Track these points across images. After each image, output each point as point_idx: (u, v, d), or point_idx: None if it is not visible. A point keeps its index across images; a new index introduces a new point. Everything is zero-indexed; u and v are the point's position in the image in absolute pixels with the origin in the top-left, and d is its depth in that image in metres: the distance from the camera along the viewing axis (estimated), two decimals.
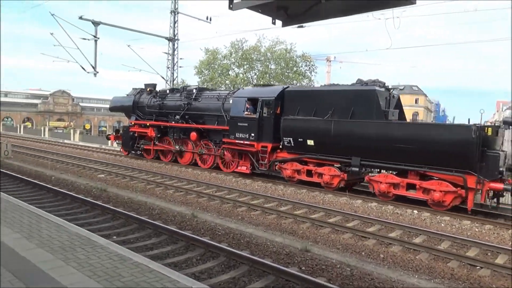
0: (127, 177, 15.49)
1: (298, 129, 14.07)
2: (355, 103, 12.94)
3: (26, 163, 18.87)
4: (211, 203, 11.83)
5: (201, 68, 41.46)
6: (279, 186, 14.45)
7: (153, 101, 20.29)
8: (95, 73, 27.23)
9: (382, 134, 12.14)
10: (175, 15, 31.94)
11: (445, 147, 10.94)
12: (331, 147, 13.35)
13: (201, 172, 17.16)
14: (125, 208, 10.55)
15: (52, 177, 15.01)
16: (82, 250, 5.47)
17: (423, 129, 12.01)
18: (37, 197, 11.36)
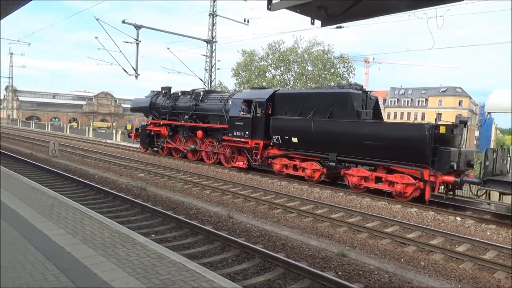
0: (165, 176, 15.84)
1: (285, 128, 15.63)
2: (332, 104, 14.41)
3: (72, 161, 19.73)
4: (247, 204, 11.87)
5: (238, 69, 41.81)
6: (315, 188, 14.29)
7: (167, 103, 22.22)
8: (136, 76, 28.12)
9: (354, 132, 13.51)
10: (213, 17, 32.42)
11: (404, 143, 12.21)
12: (312, 144, 14.87)
13: (237, 173, 17.28)
14: (164, 207, 10.78)
15: (95, 176, 15.60)
16: (122, 247, 5.63)
17: (386, 127, 13.42)
18: (81, 194, 11.84)
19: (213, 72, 33.33)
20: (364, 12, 3.52)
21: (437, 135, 11.85)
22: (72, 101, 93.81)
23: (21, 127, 53.35)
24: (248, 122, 16.89)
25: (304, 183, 15.01)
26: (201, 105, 20.16)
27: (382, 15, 3.89)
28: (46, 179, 14.00)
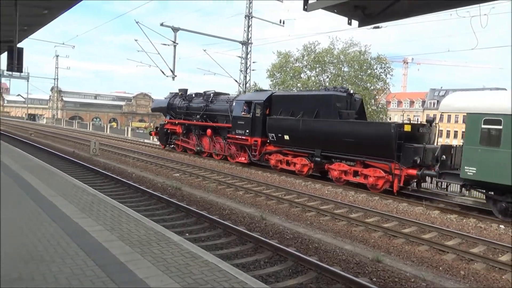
0: (200, 177, 16.08)
1: (278, 126, 17.41)
2: (318, 105, 16.10)
3: (111, 160, 20.41)
4: (280, 206, 11.83)
5: (273, 71, 41.80)
6: (350, 192, 14.05)
7: (182, 103, 24.41)
8: (173, 77, 28.79)
9: (334, 130, 15.13)
10: (249, 19, 32.61)
11: (375, 140, 13.65)
12: (300, 141, 16.52)
13: (270, 174, 17.28)
14: (198, 207, 10.94)
15: (133, 174, 16.06)
16: (157, 245, 5.75)
17: (360, 126, 14.77)
18: (120, 192, 12.22)
19: (248, 74, 33.54)
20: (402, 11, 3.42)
21: (403, 133, 13.23)
22: (113, 102, 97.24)
23: (65, 127, 55.81)
24: (248, 121, 18.76)
25: (338, 187, 14.80)
26: (211, 106, 22.26)
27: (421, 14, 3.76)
28: (87, 177, 14.55)
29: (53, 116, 78.65)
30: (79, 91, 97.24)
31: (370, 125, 15.53)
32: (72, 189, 9.56)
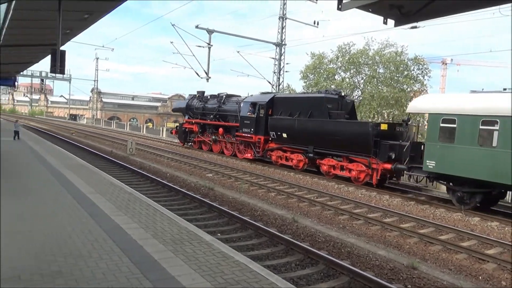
0: (232, 177, 16.19)
1: (278, 126, 19.25)
2: (312, 106, 17.86)
3: (147, 159, 20.94)
4: (312, 209, 11.72)
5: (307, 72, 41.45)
6: (384, 196, 13.72)
7: (199, 105, 26.47)
8: (207, 78, 29.21)
9: (324, 129, 16.83)
10: (283, 20, 32.57)
11: (356, 138, 15.27)
12: (296, 139, 18.29)
13: (303, 176, 17.17)
14: (230, 207, 11.02)
15: (167, 174, 16.40)
16: (189, 244, 5.84)
17: (344, 125, 16.24)
18: (154, 191, 12.51)
19: (281, 75, 33.50)
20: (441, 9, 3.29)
21: (379, 131, 14.72)
22: (149, 103, 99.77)
23: (104, 127, 57.77)
24: (252, 121, 20.72)
25: (372, 190, 14.50)
26: (223, 107, 24.27)
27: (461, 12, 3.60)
28: (124, 175, 14.99)
29: (92, 116, 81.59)
30: (117, 92, 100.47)
31: (351, 124, 16.47)
32: (110, 187, 9.87)
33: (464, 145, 11.68)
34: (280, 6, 32.64)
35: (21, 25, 11.12)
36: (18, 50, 16.03)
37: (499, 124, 10.99)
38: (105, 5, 9.42)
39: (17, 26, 11.13)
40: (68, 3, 8.75)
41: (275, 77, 33.48)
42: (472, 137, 11.53)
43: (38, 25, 11.45)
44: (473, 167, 11.44)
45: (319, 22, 31.43)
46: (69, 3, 8.76)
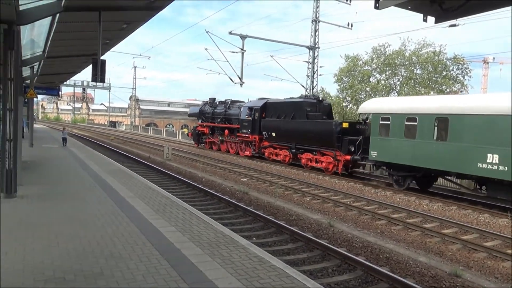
0: (267, 182, 16.19)
1: (269, 126, 23.04)
2: (294, 110, 21.35)
3: (182, 164, 21.32)
4: (348, 214, 11.51)
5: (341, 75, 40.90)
6: (424, 200, 13.27)
7: (210, 110, 30.35)
8: (241, 83, 29.41)
9: (301, 128, 20.43)
10: (316, 23, 32.36)
11: (324, 134, 18.62)
12: (282, 137, 21.84)
13: (338, 181, 16.92)
14: (265, 211, 11.00)
15: (203, 179, 16.62)
16: (225, 248, 5.87)
17: (315, 124, 19.58)
18: (190, 195, 12.70)
19: (315, 78, 33.24)
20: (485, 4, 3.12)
21: (342, 129, 17.88)
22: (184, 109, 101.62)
23: (141, 133, 59.38)
24: (249, 123, 24.43)
25: (410, 195, 14.06)
26: (228, 111, 27.98)
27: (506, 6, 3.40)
28: (161, 180, 15.33)
29: (131, 123, 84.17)
30: (154, 99, 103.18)
31: (319, 123, 19.52)
32: (148, 192, 10.12)
33: (395, 137, 14.70)
34: (312, 9, 32.48)
35: (64, 37, 11.67)
36: (62, 61, 16.81)
37: (418, 120, 13.96)
38: (142, 15, 9.71)
39: (61, 38, 11.67)
40: (107, 14, 9.09)
41: (308, 80, 33.26)
42: (401, 131, 14.53)
43: (80, 36, 11.98)
44: (402, 155, 14.43)
45: (352, 24, 30.99)
46: (108, 13, 9.10)
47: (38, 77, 20.79)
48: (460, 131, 12.68)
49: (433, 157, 13.32)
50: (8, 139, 8.30)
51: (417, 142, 13.80)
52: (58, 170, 13.34)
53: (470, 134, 12.37)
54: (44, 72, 19.80)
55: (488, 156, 11.79)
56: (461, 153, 12.54)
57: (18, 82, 8.92)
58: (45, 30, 10.94)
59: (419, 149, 13.74)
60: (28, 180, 10.50)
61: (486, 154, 11.83)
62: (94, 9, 8.79)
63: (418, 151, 13.78)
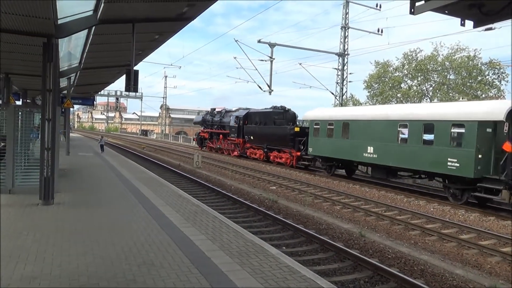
0: (296, 190, 16.06)
1: (249, 131, 29.03)
2: (266, 118, 27.61)
3: (212, 172, 21.50)
4: (380, 223, 11.24)
5: (371, 82, 40.30)
6: (459, 210, 12.79)
7: (209, 118, 36.55)
8: (270, 91, 29.47)
9: (269, 132, 26.24)
10: (345, 30, 32.08)
11: (282, 137, 24.41)
12: (258, 140, 27.68)
13: (369, 189, 16.58)
14: (294, 220, 10.90)
15: (232, 187, 16.68)
16: (255, 257, 5.84)
17: (277, 129, 25.46)
18: (220, 203, 12.76)
19: (344, 85, 32.87)
20: None
21: (294, 132, 23.44)
22: None
23: (171, 141, 60.41)
24: (236, 129, 30.70)
25: (444, 204, 13.58)
26: (223, 119, 33.91)
27: None
28: (191, 188, 15.49)
29: (161, 131, 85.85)
30: (184, 108, 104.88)
31: (280, 128, 25.52)
32: (178, 199, 10.24)
33: (323, 137, 20.56)
34: (342, 16, 32.25)
35: (99, 48, 12.07)
36: (97, 71, 17.37)
37: (334, 124, 19.82)
38: (173, 26, 9.91)
39: (96, 50, 12.09)
40: (140, 26, 9.33)
41: (338, 88, 32.95)
42: (325, 133, 20.39)
43: (114, 48, 12.34)
44: (326, 150, 20.26)
45: (383, 29, 30.51)
46: (141, 25, 9.33)
47: (74, 88, 21.60)
48: (355, 131, 18.37)
49: (342, 150, 19.20)
50: (46, 148, 8.63)
51: (334, 140, 19.83)
52: (93, 178, 13.73)
53: (360, 134, 17.98)
54: (80, 83, 20.53)
55: (369, 148, 17.28)
56: (356, 146, 18.01)
57: (56, 93, 9.27)
58: (81, 42, 11.36)
59: (335, 145, 19.67)
60: (64, 188, 10.87)
61: (367, 146, 17.30)
62: (128, 21, 9.04)
63: (334, 146, 19.72)
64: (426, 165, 14.62)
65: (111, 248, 5.93)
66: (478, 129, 12.91)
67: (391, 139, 16.17)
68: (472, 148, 12.92)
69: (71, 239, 6.34)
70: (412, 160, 15.13)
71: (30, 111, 11.00)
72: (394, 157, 15.97)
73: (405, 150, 15.50)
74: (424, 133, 14.83)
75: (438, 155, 14.04)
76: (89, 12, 8.42)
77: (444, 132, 13.99)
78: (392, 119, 16.31)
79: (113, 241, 6.27)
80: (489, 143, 12.99)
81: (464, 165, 13.10)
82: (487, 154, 12.93)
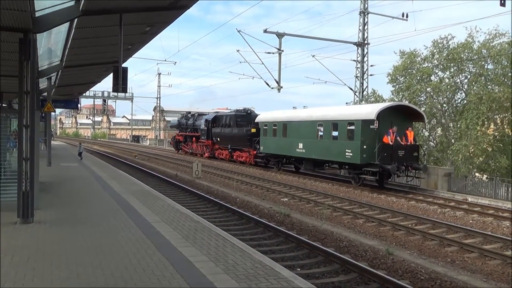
0: (311, 202, 16.01)
1: (215, 133, 35.64)
2: (230, 120, 33.91)
3: (214, 183, 21.53)
4: (410, 238, 11.15)
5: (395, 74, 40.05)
6: (504, 222, 12.66)
7: (184, 121, 43.54)
8: (279, 88, 29.40)
9: (231, 134, 33.12)
10: (364, 16, 32.04)
11: (242, 137, 31.38)
12: (224, 141, 34.59)
13: (396, 199, 16.49)
14: (310, 237, 10.85)
15: (237, 199, 16.68)
16: (265, 281, 5.80)
17: (237, 131, 32.12)
18: (223, 218, 12.76)
19: (364, 79, 32.76)
20: None
21: (252, 133, 29.82)
22: None
23: (167, 148, 60.66)
24: (205, 131, 37.26)
25: (486, 215, 13.44)
26: (195, 122, 40.68)
27: None
28: (190, 201, 15.52)
29: (155, 137, 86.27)
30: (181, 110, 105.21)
31: (240, 130, 31.87)
32: (176, 215, 10.25)
33: (270, 137, 27.28)
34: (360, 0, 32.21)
35: (83, 44, 12.17)
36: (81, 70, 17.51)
37: (277, 126, 26.44)
38: (166, 16, 9.97)
39: (80, 45, 12.18)
40: (129, 16, 9.39)
41: (357, 82, 32.85)
42: (271, 133, 27.06)
43: (100, 42, 12.45)
44: (273, 147, 27.06)
45: (408, 14, 30.43)
46: (130, 16, 9.39)
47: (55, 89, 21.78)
48: (291, 131, 25.21)
49: (283, 147, 25.94)
50: (24, 158, 8.66)
51: (277, 139, 26.49)
52: (78, 192, 13.81)
53: (294, 132, 24.83)
54: (62, 83, 20.72)
55: (299, 144, 23.93)
56: (291, 143, 24.75)
57: (34, 95, 9.32)
58: (62, 37, 11.45)
59: (278, 143, 26.41)
60: (46, 204, 10.93)
61: (298, 143, 23.99)
62: (114, 11, 9.10)
63: (278, 144, 26.48)
64: (334, 156, 21.21)
65: (99, 273, 5.93)
66: (362, 126, 19.30)
67: (313, 136, 23.07)
68: (358, 140, 19.34)
69: (53, 262, 6.35)
70: (326, 153, 21.90)
71: (6, 116, 11.10)
72: (315, 151, 22.83)
73: (322, 145, 22.41)
74: (332, 130, 21.51)
75: (340, 147, 20.62)
76: (70, 3, 8.48)
77: (343, 129, 20.63)
78: (314, 120, 23.38)
79: (101, 265, 6.28)
80: (374, 136, 19.17)
81: (354, 154, 19.48)
82: (371, 145, 19.06)
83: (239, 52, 31.92)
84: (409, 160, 19.00)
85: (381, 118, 18.96)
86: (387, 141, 18.64)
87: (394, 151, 18.67)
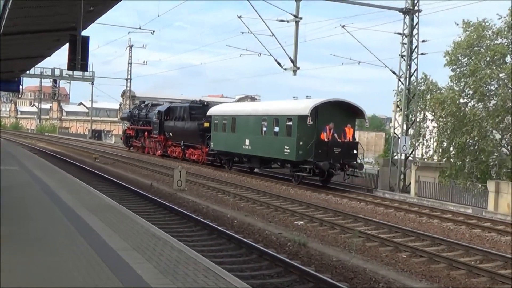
0: (336, 226, 16.05)
1: (168, 127, 42.76)
2: (184, 112, 40.80)
3: (203, 198, 21.61)
4: (474, 281, 11.19)
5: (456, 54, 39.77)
6: None
7: (136, 113, 49.82)
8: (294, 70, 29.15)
9: (183, 128, 40.35)
10: None
11: (194, 133, 38.41)
12: (176, 137, 41.63)
13: (454, 226, 16.53)
14: (333, 275, 10.86)
15: (234, 221, 16.73)
16: None
17: (189, 125, 39.10)
18: (215, 247, 12.79)
19: (413, 60, 32.48)
20: None
21: (204, 128, 36.50)
22: None
23: None
24: (157, 125, 43.29)
25: None
26: (148, 114, 46.53)
27: None
28: (171, 222, 15.59)
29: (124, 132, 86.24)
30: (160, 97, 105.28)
31: (190, 123, 37.68)
32: (151, 241, 10.26)
33: (220, 132, 33.65)
34: None
35: (28, 4, 12.22)
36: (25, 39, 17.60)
37: (227, 120, 33.15)
38: None
39: (24, 6, 12.24)
40: None
41: (403, 63, 32.57)
42: (221, 128, 33.49)
43: (52, 3, 12.51)
44: (223, 144, 33.12)
45: None
46: None
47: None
48: (239, 126, 30.45)
49: (231, 143, 30.85)
50: None
51: (226, 134, 31.59)
52: (16, 206, 13.82)
53: (241, 128, 30.15)
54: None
55: (246, 141, 29.25)
56: (239, 139, 29.83)
57: None
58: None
59: (227, 139, 31.21)
60: None
61: (245, 139, 29.30)
62: None
63: (227, 141, 31.30)
64: (275, 152, 26.60)
65: None
66: (298, 121, 25.00)
67: (258, 132, 29.05)
68: (294, 137, 24.88)
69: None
70: (269, 150, 27.53)
71: None
72: (260, 148, 28.44)
73: (265, 141, 28.07)
74: (274, 126, 27.13)
75: (280, 143, 26.34)
76: None
77: (283, 125, 26.38)
78: (259, 115, 29.73)
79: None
80: (311, 133, 24.64)
81: (291, 151, 24.93)
82: (308, 142, 24.48)
83: (241, 19, 31.86)
84: (347, 158, 24.78)
85: (319, 114, 24.99)
86: (323, 137, 24.42)
87: (330, 148, 24.28)
